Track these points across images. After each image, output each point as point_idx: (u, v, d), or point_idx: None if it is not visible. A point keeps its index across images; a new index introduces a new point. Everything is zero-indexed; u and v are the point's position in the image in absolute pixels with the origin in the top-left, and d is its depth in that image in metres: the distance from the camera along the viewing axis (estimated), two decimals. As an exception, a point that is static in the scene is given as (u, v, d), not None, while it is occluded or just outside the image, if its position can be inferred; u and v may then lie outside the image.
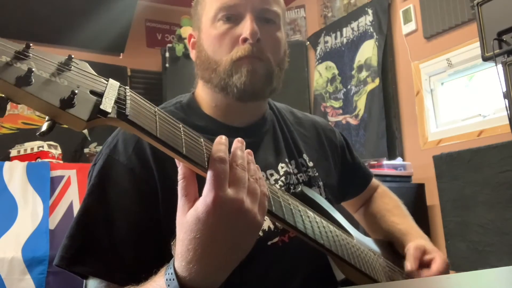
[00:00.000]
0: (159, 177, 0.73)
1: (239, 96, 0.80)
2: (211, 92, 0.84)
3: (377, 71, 3.17)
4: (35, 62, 0.42)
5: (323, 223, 0.72)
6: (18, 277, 2.05)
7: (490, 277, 0.56)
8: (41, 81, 0.41)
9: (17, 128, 3.48)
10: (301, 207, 0.68)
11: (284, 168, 0.86)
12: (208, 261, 0.52)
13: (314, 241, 0.66)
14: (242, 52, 0.79)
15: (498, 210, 1.89)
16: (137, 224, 0.71)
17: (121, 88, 0.49)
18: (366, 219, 1.10)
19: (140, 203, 0.72)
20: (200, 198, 0.52)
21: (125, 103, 0.47)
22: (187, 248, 0.52)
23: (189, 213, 0.52)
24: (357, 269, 0.74)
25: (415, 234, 0.95)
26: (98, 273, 0.68)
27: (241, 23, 0.80)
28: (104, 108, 0.44)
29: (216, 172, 0.51)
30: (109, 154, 0.75)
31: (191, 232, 0.51)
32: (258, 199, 0.54)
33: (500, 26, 1.78)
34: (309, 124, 1.00)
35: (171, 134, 0.51)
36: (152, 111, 0.51)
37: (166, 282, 0.54)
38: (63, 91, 0.42)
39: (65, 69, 0.44)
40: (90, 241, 0.69)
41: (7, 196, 2.22)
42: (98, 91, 0.46)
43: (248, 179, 0.54)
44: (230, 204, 0.51)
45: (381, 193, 1.12)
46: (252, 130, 0.87)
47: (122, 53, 3.97)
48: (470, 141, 2.48)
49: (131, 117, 0.46)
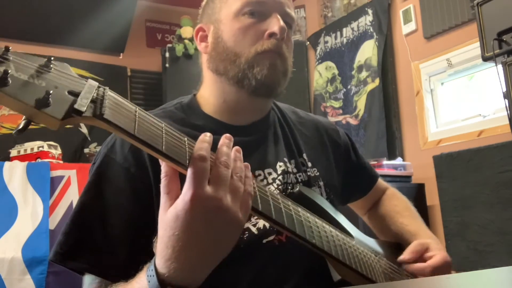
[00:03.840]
0: (154, 176, 0.73)
1: (256, 89, 0.82)
2: (223, 86, 0.85)
3: (377, 71, 3.17)
4: (14, 64, 0.44)
5: (317, 223, 0.72)
6: (18, 277, 2.05)
7: (490, 277, 0.56)
8: (19, 83, 0.43)
9: (17, 128, 3.48)
10: (293, 207, 0.68)
11: (283, 167, 0.86)
12: (186, 259, 0.52)
13: (305, 239, 0.66)
14: (268, 46, 0.81)
15: (498, 210, 1.89)
16: (131, 222, 0.72)
17: (100, 88, 0.50)
18: (376, 221, 1.09)
19: (135, 202, 0.73)
20: (180, 196, 0.52)
21: (103, 102, 0.48)
22: (166, 246, 0.53)
23: (169, 211, 0.53)
24: (352, 269, 0.74)
25: (424, 235, 0.95)
26: (91, 270, 0.69)
27: (267, 20, 0.83)
28: (77, 107, 0.46)
29: (195, 170, 0.51)
30: (107, 153, 0.76)
31: (170, 229, 0.52)
32: (240, 197, 0.55)
33: (500, 26, 1.78)
34: (311, 124, 1.00)
35: (150, 133, 0.51)
36: (132, 110, 0.52)
37: (147, 278, 0.55)
38: (40, 92, 0.44)
39: (44, 71, 0.46)
40: (85, 238, 0.70)
41: (7, 196, 2.22)
42: (76, 91, 0.47)
43: (231, 177, 0.54)
44: (208, 201, 0.51)
45: (390, 195, 1.11)
46: (252, 129, 0.88)
47: (122, 53, 3.96)
48: (470, 141, 2.48)
49: (107, 116, 0.47)
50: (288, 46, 0.85)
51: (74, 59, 3.69)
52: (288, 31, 0.85)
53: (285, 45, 0.84)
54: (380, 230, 1.07)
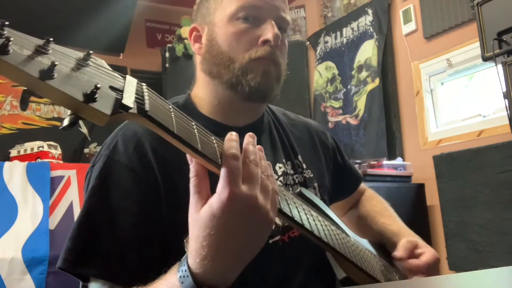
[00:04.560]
0: (161, 177, 0.73)
1: (249, 95, 0.81)
2: (216, 88, 0.85)
3: (377, 71, 3.17)
4: (55, 56, 0.42)
5: (325, 222, 0.73)
6: (18, 277, 2.05)
7: (490, 277, 0.56)
8: (62, 75, 0.41)
9: (17, 128, 3.48)
10: (305, 206, 0.69)
11: (282, 168, 0.87)
12: (223, 258, 0.52)
13: (320, 239, 0.67)
14: (261, 53, 0.80)
15: (498, 210, 1.89)
16: (140, 225, 0.70)
17: (138, 85, 0.49)
18: (355, 221, 1.10)
19: (143, 204, 0.72)
20: (214, 195, 0.52)
21: (143, 99, 0.47)
22: (201, 245, 0.52)
23: (202, 210, 0.52)
24: (358, 268, 0.75)
25: (406, 234, 0.96)
26: (102, 275, 0.68)
27: (261, 26, 0.82)
28: (126, 103, 0.44)
29: (230, 169, 0.51)
30: (109, 155, 0.75)
31: (205, 228, 0.52)
32: (270, 196, 0.55)
33: (500, 26, 1.78)
34: (302, 126, 1.01)
35: (187, 131, 0.51)
36: (167, 107, 0.51)
37: (179, 279, 0.54)
38: (85, 86, 0.42)
39: (84, 65, 0.44)
40: (93, 243, 0.69)
41: (7, 196, 2.22)
42: (117, 86, 0.46)
43: (260, 176, 0.54)
44: (245, 200, 0.51)
45: (369, 196, 1.13)
46: (249, 130, 0.87)
47: (122, 53, 3.96)
48: (470, 141, 2.48)
49: (151, 113, 0.47)
50: (282, 51, 0.85)
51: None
52: (283, 35, 0.85)
53: (279, 51, 0.83)
54: (361, 230, 1.08)
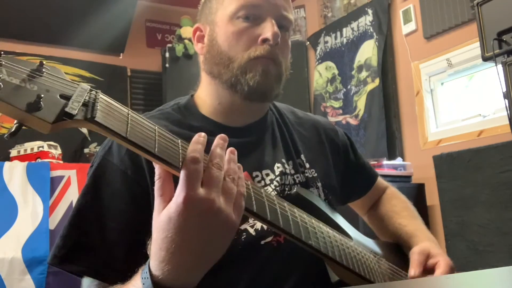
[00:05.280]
0: (151, 179, 0.73)
1: (249, 94, 0.81)
2: (217, 88, 0.85)
3: (377, 71, 3.17)
4: (6, 69, 0.44)
5: (314, 224, 0.71)
6: (18, 277, 2.05)
7: (490, 277, 0.56)
8: (10, 87, 0.43)
9: (17, 128, 3.48)
10: (289, 208, 0.67)
11: (280, 168, 0.86)
12: (180, 261, 0.53)
13: (301, 241, 0.66)
14: (260, 52, 0.80)
15: (498, 210, 1.89)
16: (129, 225, 0.72)
17: (92, 92, 0.50)
18: (375, 221, 1.08)
19: (132, 205, 0.73)
20: (173, 199, 0.52)
21: (94, 106, 0.49)
22: (159, 248, 0.53)
23: (162, 213, 0.53)
24: (349, 270, 0.74)
25: (422, 236, 0.93)
26: (89, 272, 0.70)
27: (261, 24, 0.81)
28: (68, 111, 0.46)
29: (188, 172, 0.52)
30: (104, 156, 0.76)
31: (163, 231, 0.52)
32: (233, 198, 0.55)
33: (500, 26, 1.78)
34: (309, 124, 1.00)
35: (143, 135, 0.52)
36: (124, 113, 0.52)
37: (141, 280, 0.55)
38: (31, 96, 0.44)
39: (36, 75, 0.46)
40: (82, 241, 0.71)
41: (7, 196, 2.22)
42: (68, 94, 0.47)
43: (224, 178, 0.54)
44: (201, 203, 0.51)
45: (390, 194, 1.11)
46: (250, 130, 0.87)
47: (122, 53, 3.96)
48: (470, 141, 2.48)
49: (98, 119, 0.48)
50: (283, 50, 0.84)
51: (74, 59, 3.69)
52: (285, 34, 0.84)
53: (280, 50, 0.83)
54: (379, 230, 1.07)
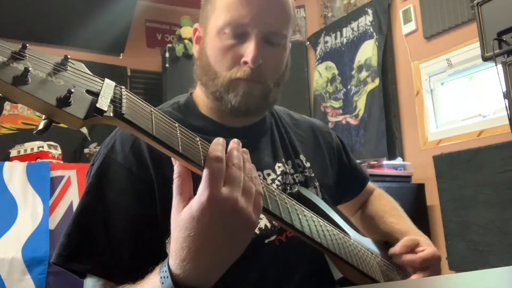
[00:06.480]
0: (156, 176, 0.74)
1: (232, 111, 0.82)
2: (207, 95, 0.85)
3: (377, 71, 3.17)
4: (31, 62, 0.43)
5: (320, 222, 0.73)
6: (18, 277, 2.05)
7: (490, 277, 0.56)
8: (37, 81, 0.42)
9: (17, 128, 3.48)
10: (297, 206, 0.69)
11: (281, 168, 0.87)
12: (202, 259, 0.52)
13: (311, 239, 0.67)
14: (241, 74, 0.79)
15: (498, 210, 1.89)
16: (134, 223, 0.71)
17: (117, 88, 0.50)
18: (364, 221, 1.10)
19: (137, 202, 0.73)
20: (195, 197, 0.52)
21: (121, 102, 0.48)
22: (181, 246, 0.52)
23: (183, 211, 0.53)
24: (354, 267, 0.75)
25: (414, 233, 0.96)
26: (95, 271, 0.69)
27: (246, 43, 0.79)
28: (100, 107, 0.45)
29: (212, 171, 0.52)
30: (107, 154, 0.76)
31: (185, 230, 0.52)
32: (253, 198, 0.55)
33: (500, 26, 1.78)
34: (306, 126, 1.01)
35: (167, 133, 0.52)
36: (148, 110, 0.52)
37: (160, 280, 0.54)
38: (60, 90, 0.43)
39: (61, 69, 0.45)
40: (87, 239, 0.70)
41: (7, 196, 2.22)
42: (94, 90, 0.47)
43: (243, 178, 0.55)
44: (224, 202, 0.52)
45: (378, 195, 1.13)
46: (249, 131, 0.88)
47: (122, 53, 3.96)
48: (470, 141, 2.48)
49: (127, 116, 0.47)
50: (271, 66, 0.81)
51: (74, 59, 3.68)
52: (275, 49, 0.81)
53: (267, 67, 0.80)
54: (369, 230, 1.07)
